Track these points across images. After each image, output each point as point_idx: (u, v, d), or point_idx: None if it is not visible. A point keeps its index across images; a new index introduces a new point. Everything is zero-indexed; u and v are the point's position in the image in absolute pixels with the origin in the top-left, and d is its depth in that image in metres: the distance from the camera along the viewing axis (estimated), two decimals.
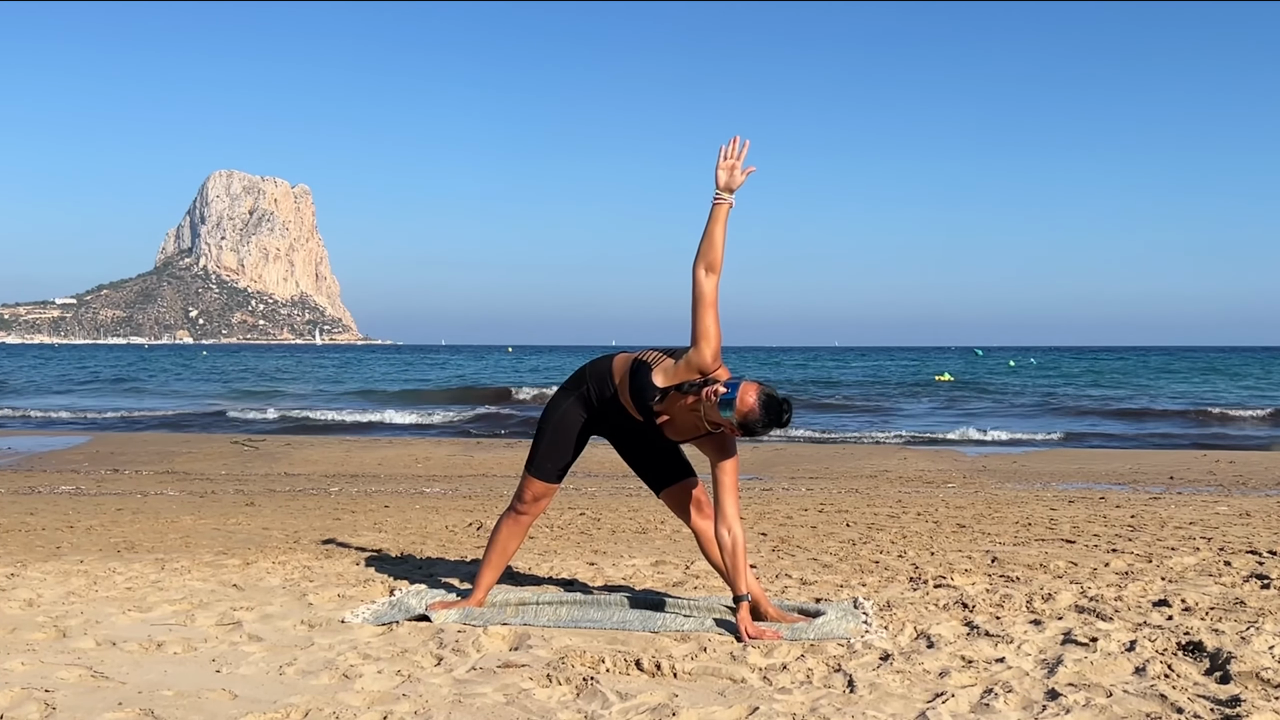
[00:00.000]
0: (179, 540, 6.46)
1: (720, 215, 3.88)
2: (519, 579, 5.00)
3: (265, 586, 4.83)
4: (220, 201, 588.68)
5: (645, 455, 4.25)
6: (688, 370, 3.85)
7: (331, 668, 3.46)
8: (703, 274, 3.84)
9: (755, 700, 3.10)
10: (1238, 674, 3.23)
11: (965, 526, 6.90)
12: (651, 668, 3.42)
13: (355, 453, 15.12)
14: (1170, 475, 11.76)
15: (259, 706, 3.06)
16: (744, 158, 3.93)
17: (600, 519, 7.41)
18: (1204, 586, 4.64)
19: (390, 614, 4.17)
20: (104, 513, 7.95)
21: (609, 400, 4.08)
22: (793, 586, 4.82)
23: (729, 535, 3.92)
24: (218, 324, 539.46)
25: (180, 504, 8.68)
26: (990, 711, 2.99)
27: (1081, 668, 3.37)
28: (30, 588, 4.77)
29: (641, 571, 5.19)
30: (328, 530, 6.95)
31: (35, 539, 6.50)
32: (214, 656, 3.62)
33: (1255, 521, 6.99)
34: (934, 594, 4.54)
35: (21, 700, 3.11)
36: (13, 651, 3.66)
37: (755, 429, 3.74)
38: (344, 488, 10.44)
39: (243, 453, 15.10)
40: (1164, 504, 8.34)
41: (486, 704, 3.08)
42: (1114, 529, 6.67)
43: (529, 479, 4.21)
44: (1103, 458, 14.59)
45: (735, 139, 3.95)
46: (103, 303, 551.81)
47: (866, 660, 3.50)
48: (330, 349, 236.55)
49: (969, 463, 13.77)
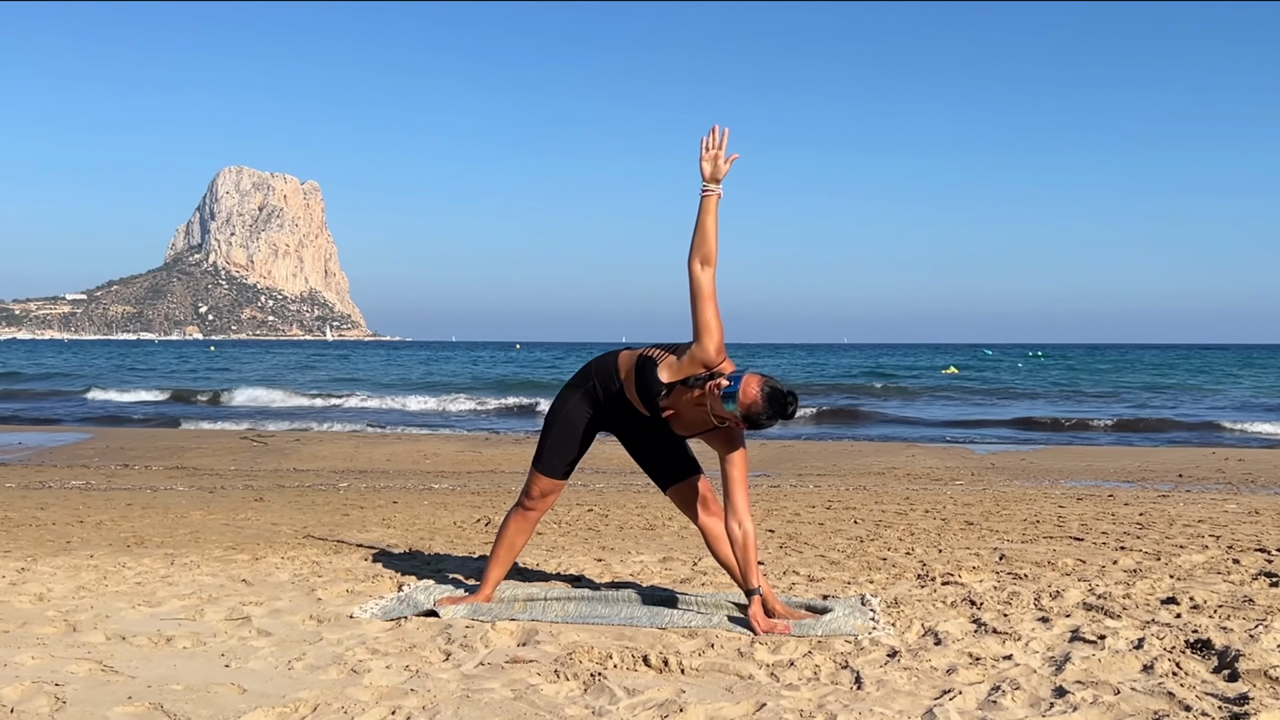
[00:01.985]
0: (188, 535, 6.49)
1: (710, 207, 3.88)
2: (527, 575, 5.01)
3: (274, 582, 4.85)
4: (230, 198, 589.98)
5: (652, 451, 4.26)
6: (692, 365, 3.85)
7: (340, 662, 3.47)
8: (699, 268, 3.84)
9: (762, 696, 3.10)
10: (1246, 672, 3.22)
11: (973, 524, 6.89)
12: (659, 664, 3.42)
13: (364, 448, 15.15)
14: (1179, 473, 11.73)
15: (268, 701, 3.07)
16: (725, 146, 3.93)
17: (608, 515, 7.41)
18: (1212, 584, 4.63)
19: (398, 609, 4.19)
20: (114, 508, 7.98)
21: (615, 396, 4.09)
22: (800, 583, 4.82)
23: (739, 529, 3.92)
24: (227, 320, 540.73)
25: (189, 499, 8.71)
26: (997, 708, 2.99)
27: (1089, 665, 3.37)
28: (40, 582, 4.79)
29: (649, 568, 5.20)
30: (336, 526, 6.97)
31: (45, 533, 6.53)
32: (223, 651, 3.63)
33: (1264, 519, 6.97)
34: (941, 591, 4.54)
35: (32, 694, 3.12)
36: (23, 645, 3.68)
37: (759, 421, 3.73)
38: (352, 483, 10.47)
39: (251, 448, 15.14)
40: (1173, 501, 8.32)
41: (494, 699, 3.09)
42: (1122, 526, 6.66)
43: (536, 475, 4.22)
44: (1111, 455, 14.55)
45: (714, 128, 3.94)
46: (113, 298, 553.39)
47: (874, 657, 3.50)
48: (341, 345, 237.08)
49: (977, 460, 13.75)
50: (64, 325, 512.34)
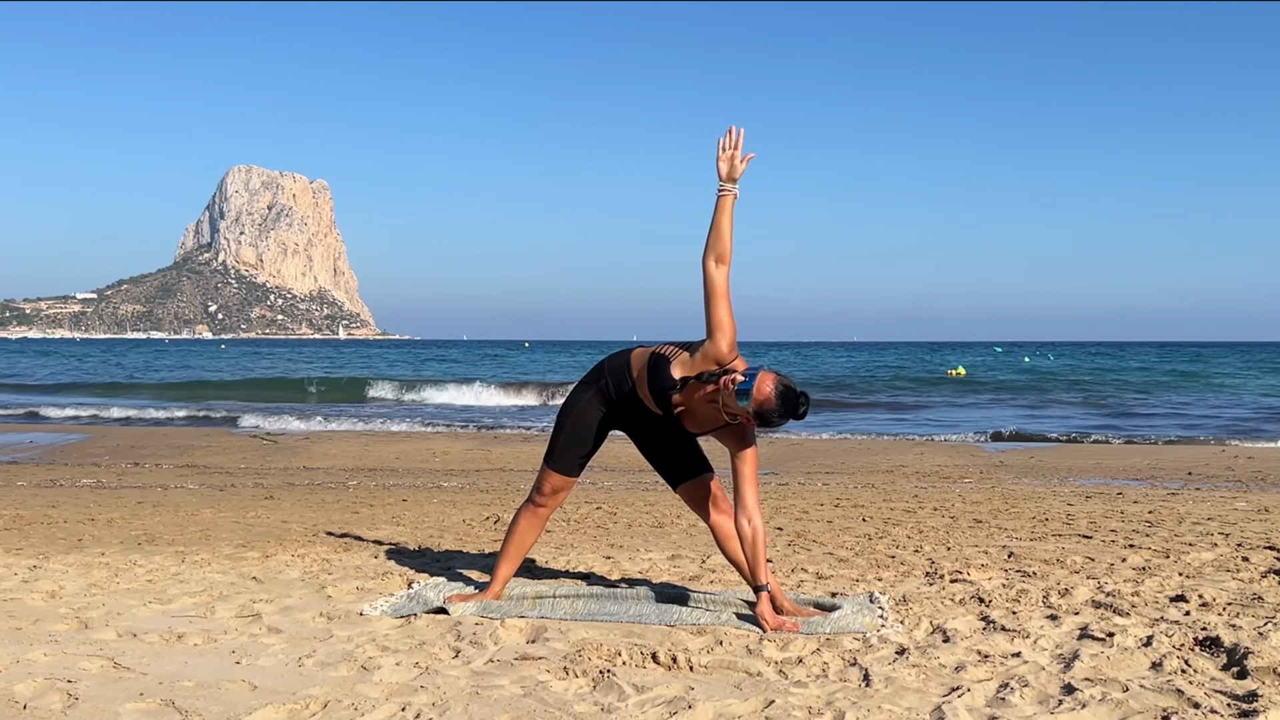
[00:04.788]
0: (199, 533, 6.51)
1: (726, 206, 3.91)
2: (536, 572, 5.02)
3: (284, 579, 4.87)
4: (239, 197, 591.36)
5: (663, 449, 4.27)
6: (704, 362, 3.87)
7: (350, 659, 3.48)
8: (713, 265, 3.86)
9: (771, 694, 3.10)
10: (1255, 669, 3.22)
11: (982, 521, 6.89)
12: (668, 661, 3.43)
13: (373, 447, 15.18)
14: (1189, 471, 11.69)
15: (278, 697, 3.08)
16: (741, 146, 3.96)
17: (617, 513, 7.42)
18: (1221, 582, 4.63)
19: (408, 606, 4.20)
20: (125, 506, 8.01)
21: (627, 394, 4.10)
22: (809, 581, 4.82)
23: (749, 525, 3.93)
24: (237, 319, 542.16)
25: (200, 497, 8.74)
26: (1006, 706, 2.99)
27: (1098, 663, 3.37)
28: (53, 579, 4.82)
29: (658, 565, 5.21)
30: (346, 524, 6.99)
31: (57, 531, 6.57)
32: (234, 648, 3.65)
33: (1274, 517, 6.95)
34: (950, 589, 4.54)
35: (44, 690, 3.15)
36: (36, 642, 3.70)
37: (771, 419, 3.75)
38: (362, 481, 10.49)
39: (261, 446, 15.19)
40: (1182, 499, 8.30)
41: (504, 696, 3.10)
42: (1131, 524, 6.65)
43: (548, 472, 4.23)
44: (1121, 453, 14.52)
45: (731, 129, 3.98)
46: (123, 298, 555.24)
47: (882, 654, 3.51)
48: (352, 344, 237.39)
49: (986, 458, 13.73)
50: (75, 324, 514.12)
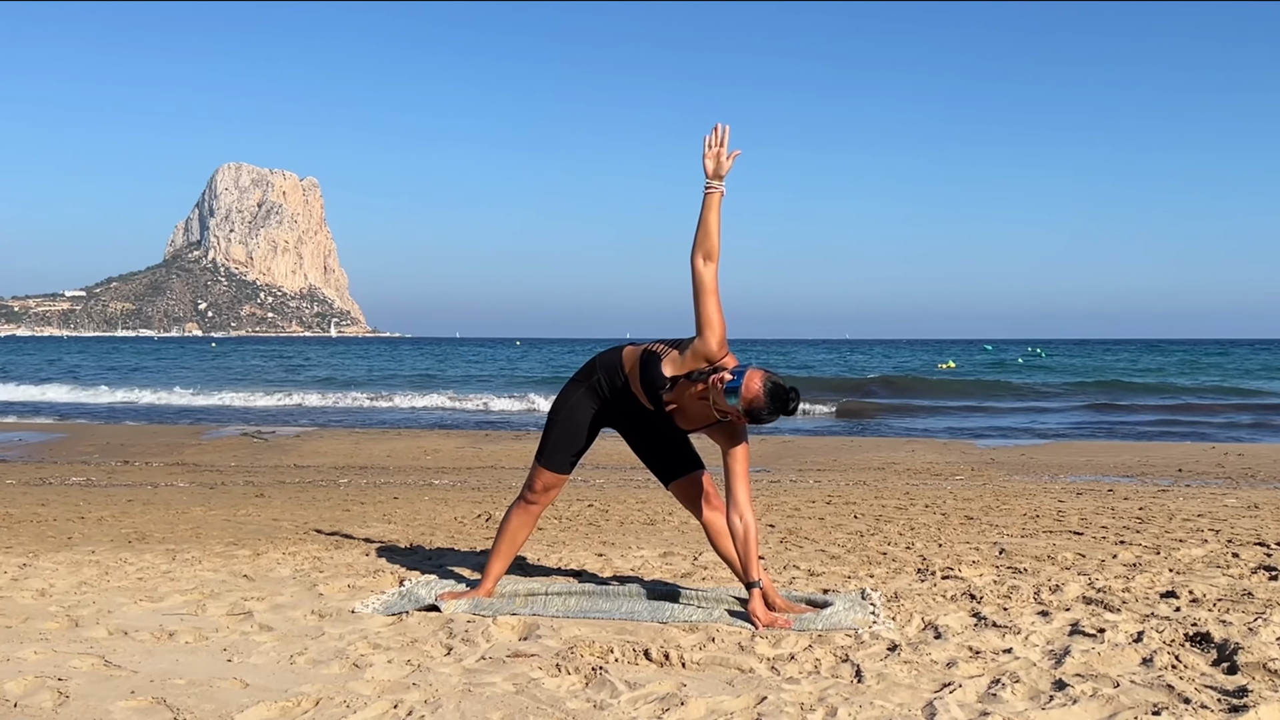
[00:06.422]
0: (190, 531, 6.50)
1: (713, 203, 3.92)
2: (528, 570, 5.02)
3: (276, 577, 4.86)
4: (229, 194, 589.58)
5: (655, 447, 4.27)
6: (695, 359, 3.87)
7: (342, 657, 3.48)
8: (701, 263, 3.87)
9: (763, 690, 3.11)
10: (1245, 664, 3.23)
11: (973, 518, 6.90)
12: (660, 658, 3.43)
13: (364, 445, 15.16)
14: (1179, 468, 11.74)
15: (270, 695, 3.08)
16: (727, 143, 3.97)
17: (608, 510, 7.43)
18: (1212, 578, 4.64)
19: (400, 604, 4.20)
20: (115, 504, 7.99)
21: (619, 390, 4.10)
22: (800, 578, 4.83)
23: (741, 522, 3.94)
24: (227, 316, 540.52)
25: (190, 495, 8.72)
26: (997, 701, 3.00)
27: (1089, 658, 3.38)
28: (42, 578, 4.80)
29: (650, 562, 5.21)
30: (337, 521, 6.98)
31: (47, 529, 6.54)
32: (225, 646, 3.64)
33: (1264, 514, 6.98)
34: (941, 585, 4.55)
35: (35, 689, 3.13)
36: (26, 640, 3.69)
37: (761, 416, 3.76)
38: (353, 479, 10.48)
39: (252, 444, 15.15)
40: (1172, 496, 8.33)
41: (496, 693, 3.10)
42: (1122, 521, 6.67)
43: (539, 469, 4.23)
44: (1111, 450, 14.57)
45: (717, 126, 3.98)
46: (112, 295, 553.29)
47: (874, 651, 3.51)
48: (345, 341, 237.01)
49: (977, 455, 13.76)
50: (63, 322, 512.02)
